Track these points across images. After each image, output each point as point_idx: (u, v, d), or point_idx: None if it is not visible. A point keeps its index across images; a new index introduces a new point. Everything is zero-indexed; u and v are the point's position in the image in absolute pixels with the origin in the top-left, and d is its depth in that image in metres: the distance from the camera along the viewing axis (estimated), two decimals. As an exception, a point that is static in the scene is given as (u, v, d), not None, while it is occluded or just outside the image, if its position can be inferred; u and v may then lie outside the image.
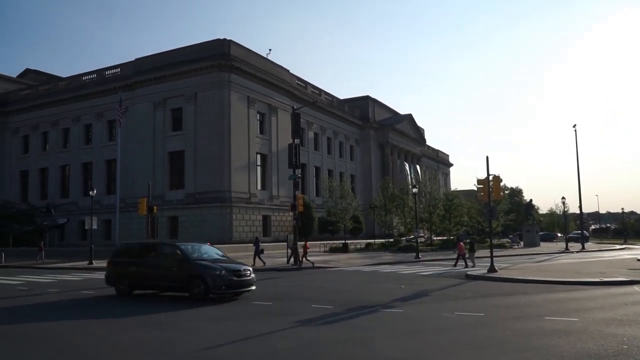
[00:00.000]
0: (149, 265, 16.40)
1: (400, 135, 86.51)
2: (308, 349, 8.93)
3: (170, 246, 17.49)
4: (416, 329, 10.73)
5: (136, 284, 16.57)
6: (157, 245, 18.26)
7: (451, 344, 9.16)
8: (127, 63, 56.67)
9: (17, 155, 63.71)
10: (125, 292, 16.45)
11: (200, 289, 14.91)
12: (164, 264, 16.17)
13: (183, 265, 15.45)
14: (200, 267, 15.21)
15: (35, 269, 30.54)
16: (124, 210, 50.07)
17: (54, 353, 8.89)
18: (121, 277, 16.72)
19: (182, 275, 15.35)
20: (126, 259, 16.98)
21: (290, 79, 61.05)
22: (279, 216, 55.48)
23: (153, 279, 16.30)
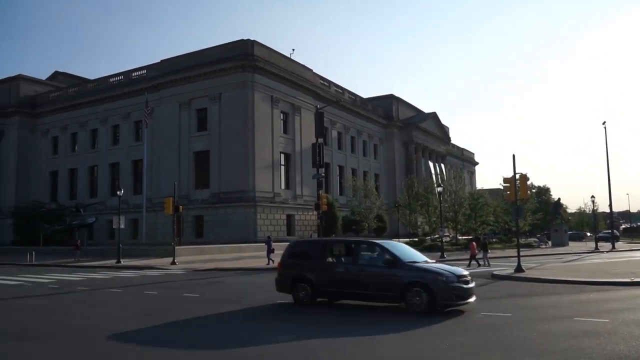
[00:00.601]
0: (341, 269, 13.55)
1: (425, 134, 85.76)
2: (336, 350, 8.89)
3: (372, 245, 14.25)
4: (442, 329, 10.61)
5: (322, 291, 13.58)
6: (353, 244, 14.57)
7: (478, 345, 9.03)
8: (153, 64, 57.59)
9: (46, 156, 65.34)
10: (305, 301, 13.52)
11: (421, 299, 12.06)
12: (364, 267, 13.18)
13: (393, 269, 12.68)
14: (421, 272, 12.56)
15: (65, 267, 31.29)
16: (150, 209, 50.94)
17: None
18: (300, 283, 13.74)
19: (392, 281, 12.48)
20: (306, 261, 14.29)
21: (314, 79, 61.11)
22: (303, 215, 55.60)
23: (348, 286, 13.13)
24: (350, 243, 15.05)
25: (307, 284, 13.54)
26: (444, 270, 12.65)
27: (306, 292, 13.53)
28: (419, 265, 12.97)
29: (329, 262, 13.93)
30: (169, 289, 18.91)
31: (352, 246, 14.28)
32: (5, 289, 19.35)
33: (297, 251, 15.10)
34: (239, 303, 14.60)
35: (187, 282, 21.40)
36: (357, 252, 13.74)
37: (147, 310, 13.45)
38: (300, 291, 13.64)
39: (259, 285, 19.50)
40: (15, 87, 65.56)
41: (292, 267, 14.27)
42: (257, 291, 17.62)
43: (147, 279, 22.71)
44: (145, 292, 17.87)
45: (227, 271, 26.70)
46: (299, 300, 13.62)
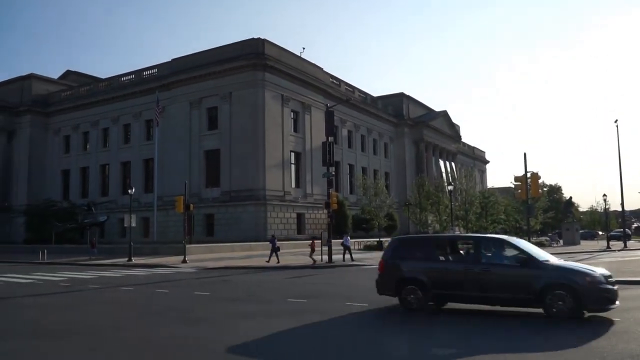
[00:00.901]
0: (460, 269, 11.94)
1: (435, 132, 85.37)
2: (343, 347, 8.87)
3: (499, 242, 12.71)
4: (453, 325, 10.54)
5: (436, 294, 12.03)
6: (476, 241, 13.00)
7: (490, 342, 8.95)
8: (164, 63, 57.90)
9: (58, 155, 65.95)
10: (415, 306, 12.03)
11: (565, 303, 10.57)
12: (491, 266, 11.58)
13: (527, 269, 11.16)
14: (563, 272, 11.15)
15: (76, 266, 31.54)
16: (161, 208, 51.19)
17: None
18: (408, 285, 12.22)
19: (527, 283, 10.96)
20: (416, 260, 12.69)
21: (324, 77, 61.06)
22: (313, 214, 55.59)
23: (470, 288, 11.56)
24: (472, 239, 13.75)
25: (418, 286, 12.02)
26: (589, 269, 11.19)
27: (416, 296, 12.02)
28: (559, 264, 11.53)
29: (445, 261, 12.53)
30: (180, 287, 18.98)
31: (474, 243, 12.85)
32: (18, 287, 19.54)
33: (403, 249, 13.39)
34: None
35: (198, 280, 21.46)
36: (480, 249, 12.18)
37: (158, 309, 13.50)
38: (409, 294, 12.12)
39: (268, 284, 19.52)
40: (28, 86, 66.25)
41: (397, 267, 12.72)
42: (267, 289, 17.63)
43: (158, 277, 22.82)
44: (157, 290, 17.95)
45: (237, 269, 26.76)
46: (407, 304, 12.13)
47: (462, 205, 50.82)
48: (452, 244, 13.32)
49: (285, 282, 20.00)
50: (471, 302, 12.11)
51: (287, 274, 23.36)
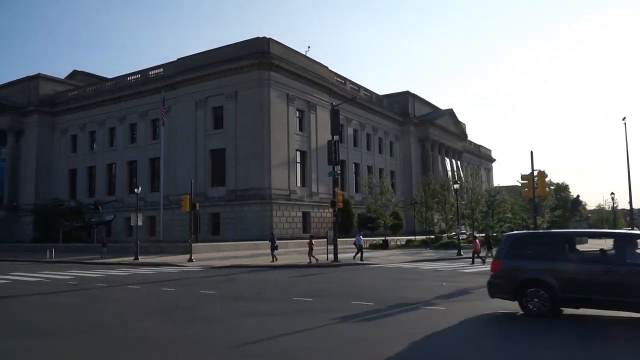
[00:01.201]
0: (598, 269, 10.56)
1: (441, 131, 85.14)
2: (348, 345, 8.87)
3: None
4: (459, 326, 10.50)
5: (566, 298, 10.56)
6: (618, 237, 11.58)
7: (495, 342, 8.91)
8: (169, 63, 58.05)
9: (66, 154, 66.31)
10: (540, 311, 10.69)
11: None
12: None
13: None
14: None
15: (84, 264, 31.70)
16: (167, 207, 51.41)
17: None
18: (531, 287, 10.89)
19: None
20: (540, 260, 11.37)
21: (329, 76, 61.03)
22: (319, 213, 55.62)
23: (614, 292, 10.07)
24: (612, 235, 12.19)
25: (544, 289, 10.66)
26: None
27: (541, 300, 10.68)
28: None
29: (578, 261, 11.18)
30: (186, 285, 19.04)
31: (615, 240, 11.24)
32: (26, 286, 19.68)
33: (522, 247, 12.01)
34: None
35: (203, 279, 21.52)
36: (624, 247, 10.74)
37: (164, 307, 13.56)
38: (533, 298, 10.78)
39: (273, 283, 19.55)
40: (35, 86, 66.62)
41: (517, 267, 11.38)
42: (273, 288, 17.66)
43: (164, 276, 22.91)
44: (163, 288, 18.02)
45: (243, 268, 26.82)
46: (529, 310, 10.82)
47: (468, 204, 50.59)
48: (574, 241, 11.84)
49: (291, 281, 20.02)
50: (610, 308, 10.53)
51: (293, 273, 23.39)
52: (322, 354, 8.26)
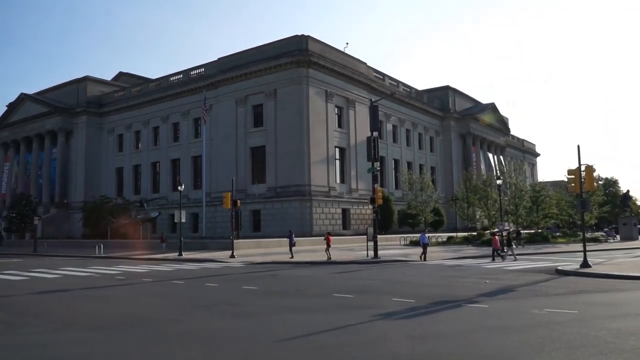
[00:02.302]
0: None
1: (483, 125, 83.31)
2: (390, 342, 8.85)
3: None
4: (503, 325, 10.29)
5: None
6: None
7: (541, 342, 8.68)
8: (210, 62, 59.12)
9: (113, 153, 68.60)
10: None
11: None
12: None
13: None
14: None
15: (130, 260, 32.73)
16: (209, 204, 52.47)
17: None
18: None
19: None
20: None
21: (368, 72, 60.74)
22: (358, 209, 55.52)
23: None
24: None
25: None
26: None
27: None
28: None
29: None
30: (229, 281, 19.41)
31: None
32: (76, 280, 20.53)
33: None
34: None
35: (245, 274, 21.88)
36: None
37: (208, 302, 13.87)
38: None
39: (314, 279, 19.67)
40: (83, 88, 69.14)
41: None
42: (314, 284, 17.78)
43: (207, 272, 23.41)
44: (206, 284, 18.43)
45: (284, 264, 27.09)
46: None
47: (512, 200, 49.40)
48: None
49: (332, 278, 20.10)
50: None
51: (334, 270, 23.47)
52: (364, 350, 8.28)
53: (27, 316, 12.05)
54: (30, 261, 32.91)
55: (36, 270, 25.17)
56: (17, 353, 8.44)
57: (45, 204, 67.53)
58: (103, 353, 8.40)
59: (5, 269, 25.86)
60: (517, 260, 26.30)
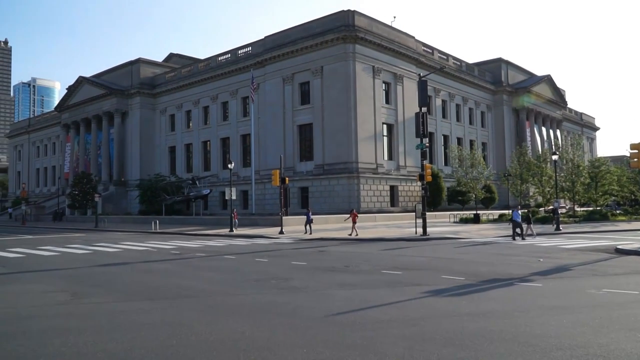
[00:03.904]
0: None
1: (538, 98, 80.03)
2: (440, 319, 8.83)
3: None
4: (558, 305, 10.02)
5: None
6: None
7: (599, 323, 8.41)
8: (257, 41, 59.41)
9: (165, 133, 70.66)
10: None
11: None
12: None
13: None
14: None
15: (184, 235, 33.90)
16: (258, 181, 53.41)
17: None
18: None
19: None
20: None
21: (416, 46, 59.34)
22: (406, 186, 55.00)
23: None
24: None
25: None
26: None
27: None
28: None
29: None
30: (278, 256, 19.81)
31: None
32: (135, 254, 21.51)
33: None
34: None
35: (294, 250, 22.25)
36: None
37: (259, 276, 14.22)
38: None
39: (362, 255, 19.75)
40: (136, 70, 71.18)
41: None
42: (362, 261, 17.87)
43: (257, 247, 23.96)
44: (256, 259, 18.88)
45: (332, 241, 27.33)
46: None
47: (568, 176, 47.43)
48: None
49: (380, 254, 20.13)
50: None
51: (382, 246, 23.48)
52: (413, 326, 8.30)
53: (92, 287, 12.77)
54: (92, 236, 34.71)
55: (98, 244, 26.56)
56: (84, 321, 8.98)
57: (105, 182, 70.68)
58: (163, 321, 8.81)
59: (70, 243, 27.43)
60: (535, 238, 26.28)
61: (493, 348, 7.01)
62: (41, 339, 7.73)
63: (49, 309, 10.16)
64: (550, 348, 6.97)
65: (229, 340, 7.59)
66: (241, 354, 6.82)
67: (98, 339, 7.65)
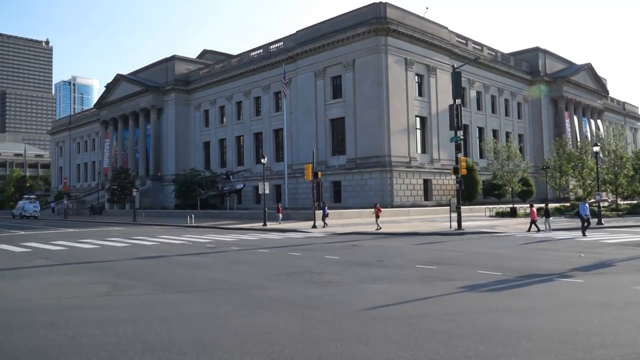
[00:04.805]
0: None
1: (577, 88, 77.49)
2: (476, 315, 8.67)
3: None
4: (600, 301, 9.71)
5: None
6: None
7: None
8: (289, 36, 59.52)
9: (200, 128, 71.74)
10: None
11: None
12: None
13: None
14: None
15: (218, 229, 34.37)
16: (291, 175, 53.64)
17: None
18: None
19: None
20: None
21: (449, 37, 58.29)
22: (440, 180, 54.28)
23: None
24: None
25: None
26: None
27: None
28: None
29: None
30: (311, 250, 19.86)
31: None
32: (172, 247, 21.95)
33: None
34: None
35: (327, 244, 22.27)
36: None
37: (292, 270, 14.28)
38: None
39: (396, 249, 19.60)
40: (171, 67, 72.39)
41: None
42: (395, 255, 17.73)
43: (290, 241, 24.09)
44: (290, 253, 18.99)
45: (365, 235, 27.23)
46: None
47: (611, 168, 45.80)
48: None
49: (414, 249, 19.94)
50: None
51: (415, 241, 23.25)
52: (448, 322, 8.17)
53: (131, 279, 13.09)
54: (130, 229, 35.62)
55: (136, 237, 27.23)
56: (123, 312, 9.22)
57: (142, 177, 72.35)
58: (198, 314, 8.96)
59: (109, 237, 28.22)
60: (550, 232, 26.27)
61: (531, 345, 6.83)
62: (83, 329, 7.97)
63: (90, 300, 10.48)
64: (592, 346, 6.75)
65: (263, 333, 7.65)
66: (275, 347, 6.86)
67: (137, 330, 7.83)
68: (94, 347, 6.99)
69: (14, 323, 8.44)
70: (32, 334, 7.69)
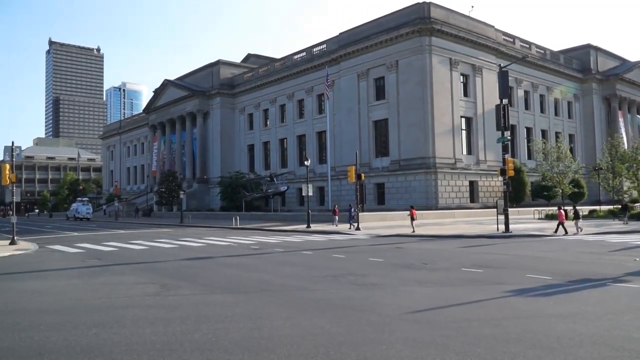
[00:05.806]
0: None
1: (631, 86, 74.12)
2: (524, 320, 8.45)
3: None
4: None
5: None
6: None
7: None
8: (331, 38, 59.77)
9: (244, 131, 72.99)
10: None
11: None
12: None
13: None
14: None
15: (262, 231, 34.86)
16: (334, 177, 53.74)
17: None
18: None
19: None
20: None
21: (496, 35, 57.00)
22: (487, 181, 53.11)
23: None
24: None
25: None
26: None
27: None
28: None
29: None
30: (355, 252, 19.84)
31: None
32: (218, 249, 22.43)
33: None
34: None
35: (371, 247, 22.18)
36: None
37: (336, 272, 14.30)
38: None
39: (441, 252, 19.32)
40: (216, 71, 74.03)
41: None
42: (441, 258, 17.48)
43: (334, 243, 24.14)
44: (333, 255, 19.03)
45: (409, 237, 26.95)
46: None
47: (668, 169, 43.58)
48: None
49: (459, 252, 19.59)
50: None
51: (461, 243, 22.84)
52: (495, 327, 8.00)
53: (179, 280, 13.47)
54: (178, 231, 36.62)
55: (183, 239, 27.98)
56: (172, 312, 9.50)
57: (188, 180, 74.25)
58: (244, 314, 9.13)
59: (158, 238, 29.11)
60: (579, 235, 25.50)
61: (583, 352, 6.61)
62: (133, 328, 8.27)
63: (140, 300, 10.85)
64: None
65: (308, 334, 7.72)
66: (320, 349, 6.91)
67: (185, 329, 8.06)
68: (144, 346, 7.24)
69: (67, 322, 8.83)
70: (85, 332, 8.03)
